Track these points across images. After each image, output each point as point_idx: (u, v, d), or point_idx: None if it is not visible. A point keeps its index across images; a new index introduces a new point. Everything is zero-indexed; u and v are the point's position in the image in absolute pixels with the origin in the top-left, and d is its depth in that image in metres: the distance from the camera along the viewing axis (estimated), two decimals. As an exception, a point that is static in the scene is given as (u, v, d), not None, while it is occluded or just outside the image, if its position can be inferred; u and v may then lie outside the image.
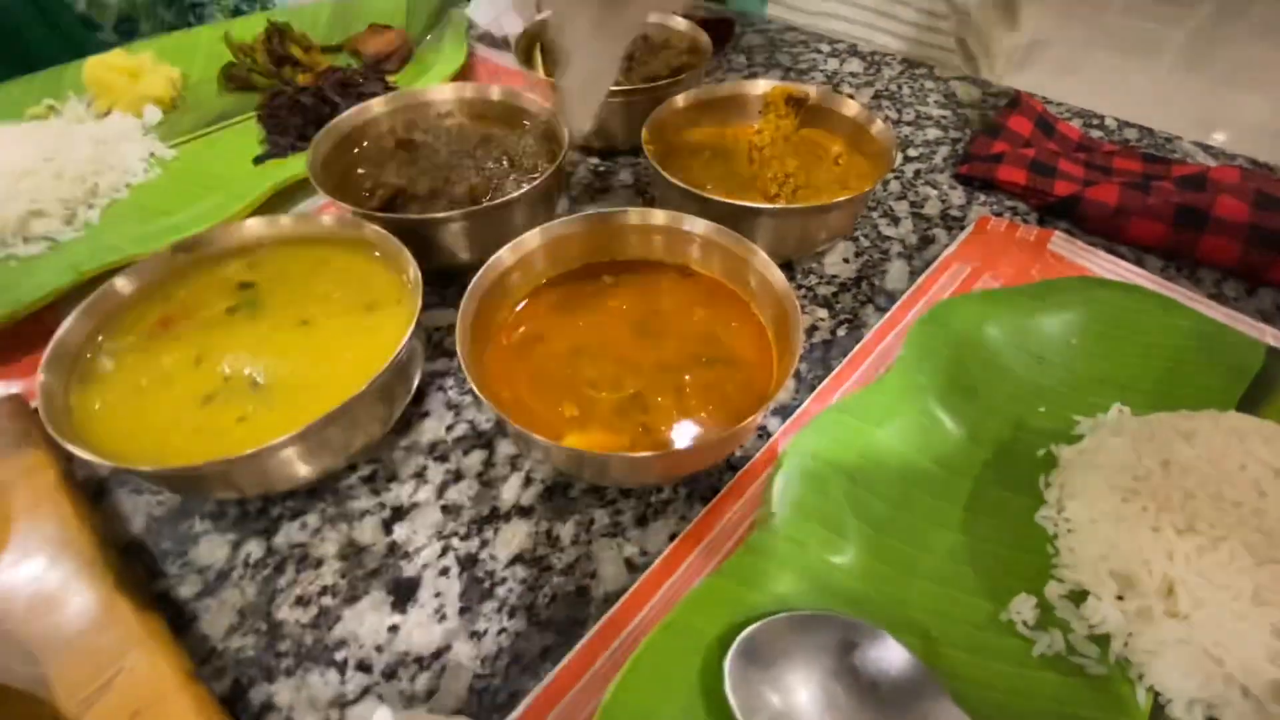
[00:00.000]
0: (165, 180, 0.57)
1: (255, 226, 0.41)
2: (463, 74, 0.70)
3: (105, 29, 0.88)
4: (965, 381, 0.39)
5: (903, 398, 0.37)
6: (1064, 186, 0.53)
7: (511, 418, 0.31)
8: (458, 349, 0.33)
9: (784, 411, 0.40)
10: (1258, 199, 0.49)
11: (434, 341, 0.44)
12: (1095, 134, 0.63)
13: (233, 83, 0.69)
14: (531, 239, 0.39)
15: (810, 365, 0.43)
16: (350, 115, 0.50)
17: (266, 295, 0.39)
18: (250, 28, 0.72)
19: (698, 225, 0.41)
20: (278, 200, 0.53)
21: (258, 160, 0.59)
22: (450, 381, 0.42)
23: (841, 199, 0.43)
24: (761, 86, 0.53)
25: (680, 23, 0.63)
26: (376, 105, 0.51)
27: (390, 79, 0.69)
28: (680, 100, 0.51)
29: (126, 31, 0.90)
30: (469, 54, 0.72)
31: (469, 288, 0.36)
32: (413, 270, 0.37)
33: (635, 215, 0.42)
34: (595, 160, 0.60)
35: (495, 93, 0.53)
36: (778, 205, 0.43)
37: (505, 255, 0.38)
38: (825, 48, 0.77)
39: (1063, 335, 0.41)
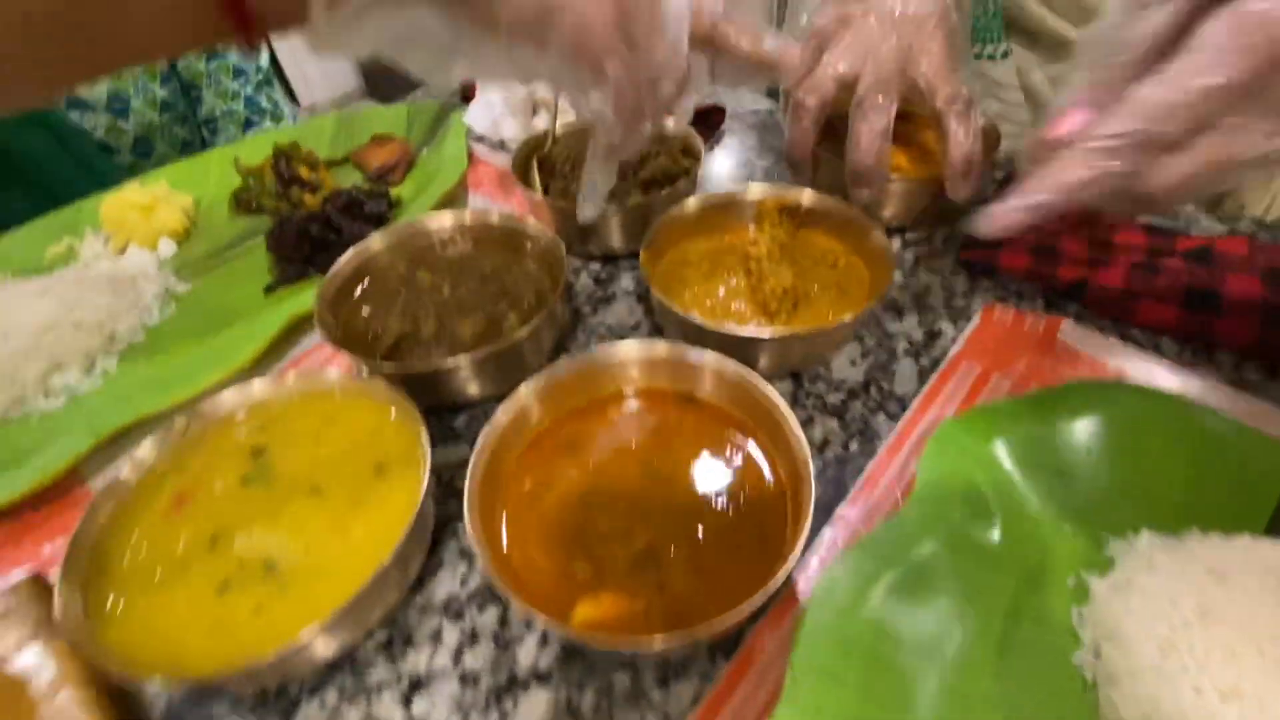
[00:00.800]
0: (179, 318, 0.59)
1: (264, 388, 0.42)
2: (464, 179, 0.72)
3: (122, 151, 0.92)
4: (984, 505, 0.38)
5: (922, 531, 0.37)
6: (1068, 270, 0.52)
7: (524, 583, 0.31)
8: (466, 521, 0.33)
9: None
10: (1268, 275, 0.48)
11: (444, 481, 0.44)
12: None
13: (242, 207, 0.71)
14: (530, 390, 0.39)
15: (825, 486, 0.42)
16: (351, 256, 0.51)
17: (278, 460, 0.39)
18: (259, 149, 0.75)
19: (701, 356, 0.41)
20: (287, 332, 0.55)
21: (268, 289, 0.60)
22: (462, 526, 0.42)
23: (841, 322, 0.43)
24: (754, 192, 0.54)
25: (671, 125, 0.65)
26: (376, 242, 0.52)
27: (394, 191, 0.71)
28: (675, 214, 0.52)
29: (143, 152, 0.94)
30: (469, 158, 0.74)
31: (471, 457, 0.36)
32: (423, 433, 0.37)
33: (637, 349, 0.42)
34: (596, 266, 0.61)
35: (495, 217, 0.54)
36: (777, 332, 0.43)
37: (503, 414, 0.38)
38: (816, 126, 0.78)
39: (1080, 446, 0.40)
